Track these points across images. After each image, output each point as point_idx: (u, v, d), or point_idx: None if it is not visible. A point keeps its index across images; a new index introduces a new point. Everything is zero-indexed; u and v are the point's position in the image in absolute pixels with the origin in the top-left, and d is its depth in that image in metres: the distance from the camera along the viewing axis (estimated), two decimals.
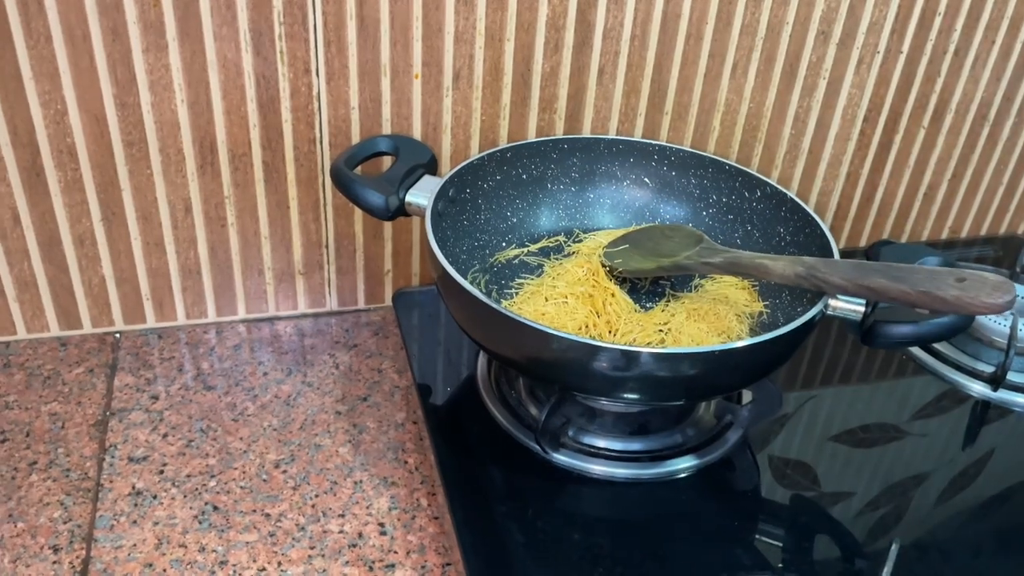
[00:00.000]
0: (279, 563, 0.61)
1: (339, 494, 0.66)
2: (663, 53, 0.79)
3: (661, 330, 0.67)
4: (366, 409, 0.74)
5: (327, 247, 0.81)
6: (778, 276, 0.61)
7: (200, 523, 0.63)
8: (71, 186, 0.72)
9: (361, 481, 0.67)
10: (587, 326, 0.67)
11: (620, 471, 0.64)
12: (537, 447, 0.64)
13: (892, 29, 0.84)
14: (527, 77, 0.77)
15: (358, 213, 0.80)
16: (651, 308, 0.70)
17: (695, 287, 0.73)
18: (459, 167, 0.70)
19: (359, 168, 0.69)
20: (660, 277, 0.73)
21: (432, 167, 0.70)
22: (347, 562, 0.61)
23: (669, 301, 0.71)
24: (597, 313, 0.68)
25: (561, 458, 0.64)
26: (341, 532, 0.63)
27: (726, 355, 0.56)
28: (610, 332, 0.67)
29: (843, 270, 0.58)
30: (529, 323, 0.56)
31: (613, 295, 0.69)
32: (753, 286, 0.72)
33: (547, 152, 0.76)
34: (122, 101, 0.69)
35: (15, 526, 0.62)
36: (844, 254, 0.64)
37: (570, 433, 0.66)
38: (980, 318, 0.77)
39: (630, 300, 0.70)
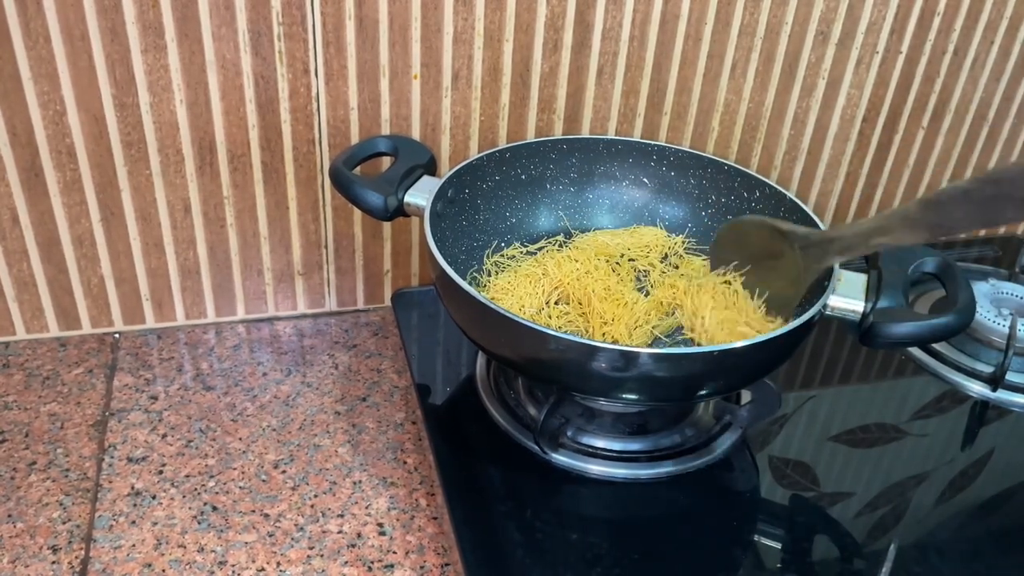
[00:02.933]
0: (278, 563, 0.61)
1: (338, 494, 0.66)
2: (662, 53, 0.80)
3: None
4: (365, 409, 0.74)
5: (326, 247, 0.81)
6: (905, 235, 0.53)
7: (199, 523, 0.63)
8: (70, 186, 0.72)
9: (360, 481, 0.67)
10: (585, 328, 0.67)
11: (619, 471, 0.64)
12: (536, 447, 0.64)
13: (891, 29, 0.84)
14: (526, 77, 0.77)
15: (357, 213, 0.80)
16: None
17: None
18: (458, 167, 0.70)
19: (358, 168, 0.69)
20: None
21: (431, 167, 0.70)
22: (346, 562, 0.61)
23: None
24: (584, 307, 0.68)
25: (560, 458, 0.64)
26: (340, 532, 0.63)
27: (725, 355, 0.56)
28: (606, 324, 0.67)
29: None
30: (527, 323, 0.56)
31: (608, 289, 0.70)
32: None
33: (546, 152, 0.76)
34: (121, 101, 0.69)
35: (14, 526, 0.62)
36: None
37: (569, 433, 0.66)
38: (979, 319, 0.77)
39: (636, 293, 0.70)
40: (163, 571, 0.60)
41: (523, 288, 0.70)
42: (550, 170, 0.76)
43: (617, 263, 0.74)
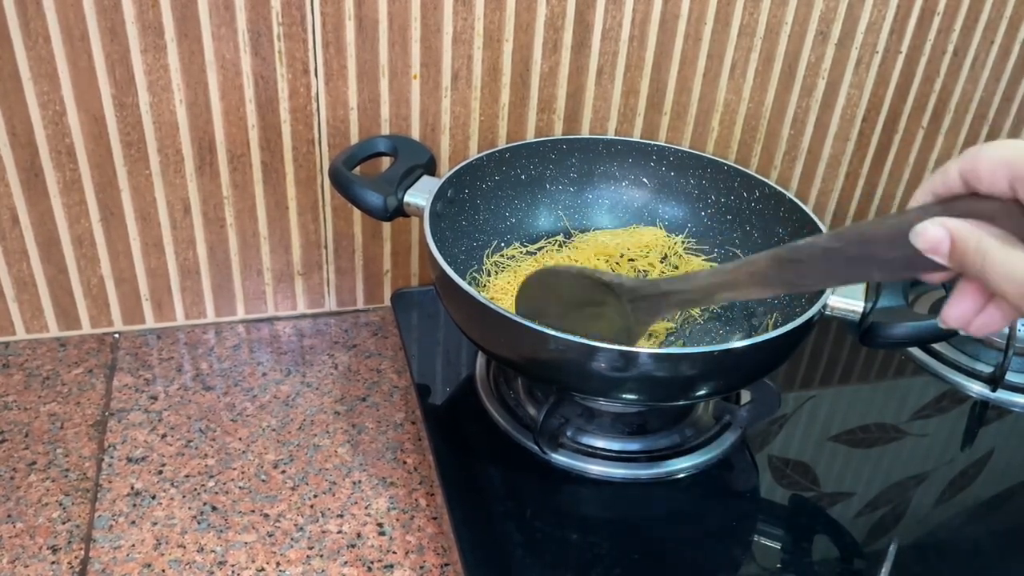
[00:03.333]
0: (278, 563, 0.61)
1: (338, 494, 0.66)
2: (662, 53, 0.79)
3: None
4: (365, 409, 0.74)
5: (326, 247, 0.81)
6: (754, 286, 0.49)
7: (199, 523, 0.63)
8: (70, 186, 0.72)
9: (360, 481, 0.67)
10: None
11: (618, 471, 0.64)
12: (535, 447, 0.64)
13: (891, 29, 0.84)
14: (526, 77, 0.77)
15: (357, 213, 0.80)
16: None
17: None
18: (458, 167, 0.70)
19: (358, 168, 0.69)
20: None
21: (431, 167, 0.70)
22: (346, 562, 0.61)
23: None
24: None
25: (559, 458, 0.64)
26: (340, 532, 0.63)
27: (725, 355, 0.56)
28: None
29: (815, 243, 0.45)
30: (527, 324, 0.56)
31: None
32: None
33: (546, 152, 0.76)
34: (121, 101, 0.69)
35: (14, 526, 0.62)
36: None
37: (568, 433, 0.66)
38: None
39: None
40: (163, 571, 0.60)
41: None
42: (550, 170, 0.76)
43: (616, 263, 0.74)
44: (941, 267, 0.39)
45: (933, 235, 0.39)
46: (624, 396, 0.60)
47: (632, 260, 0.74)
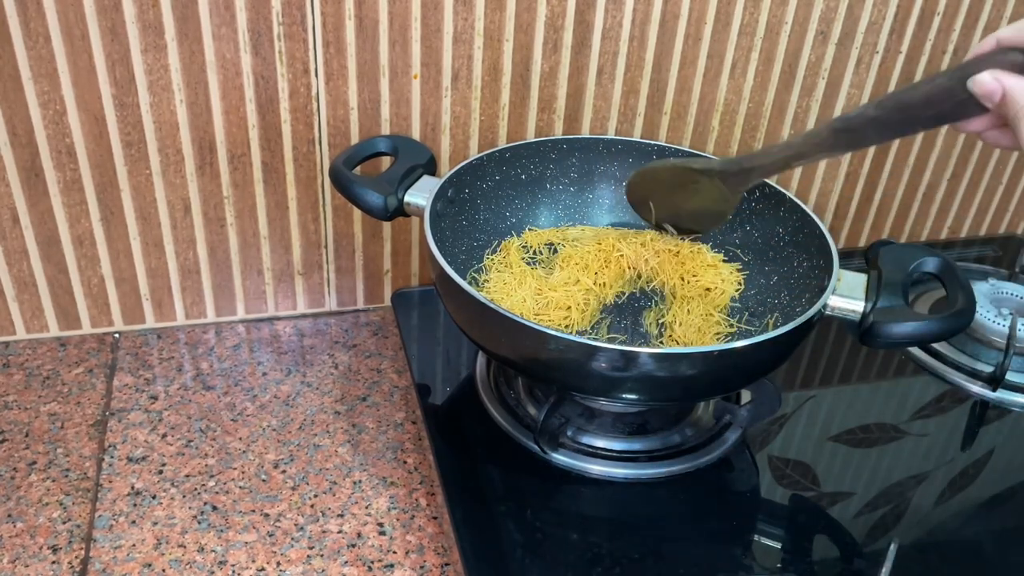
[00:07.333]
0: (278, 563, 0.61)
1: (338, 494, 0.66)
2: (662, 53, 0.80)
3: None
4: (365, 409, 0.74)
5: (326, 247, 0.81)
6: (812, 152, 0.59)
7: (199, 523, 0.63)
8: (70, 186, 0.72)
9: (360, 481, 0.67)
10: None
11: (619, 471, 0.64)
12: (536, 447, 0.64)
13: (891, 29, 0.84)
14: (526, 77, 0.77)
15: (357, 213, 0.80)
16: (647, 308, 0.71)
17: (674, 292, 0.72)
18: (458, 167, 0.70)
19: (358, 168, 0.69)
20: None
21: (431, 167, 0.70)
22: (346, 562, 0.61)
23: (658, 304, 0.71)
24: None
25: (560, 458, 0.64)
26: (340, 532, 0.63)
27: (725, 355, 0.56)
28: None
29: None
30: (528, 323, 0.56)
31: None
32: (740, 270, 0.72)
33: (546, 152, 0.76)
34: (121, 101, 0.69)
35: (14, 526, 0.62)
36: (843, 255, 0.64)
37: (569, 433, 0.66)
38: (979, 319, 0.77)
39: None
40: (163, 571, 0.60)
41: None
42: (550, 170, 0.76)
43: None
44: (969, 116, 0.50)
45: (990, 86, 0.48)
46: (624, 396, 0.60)
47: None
